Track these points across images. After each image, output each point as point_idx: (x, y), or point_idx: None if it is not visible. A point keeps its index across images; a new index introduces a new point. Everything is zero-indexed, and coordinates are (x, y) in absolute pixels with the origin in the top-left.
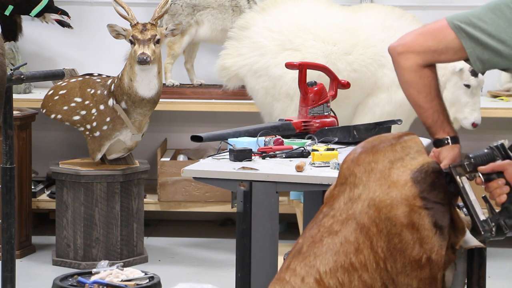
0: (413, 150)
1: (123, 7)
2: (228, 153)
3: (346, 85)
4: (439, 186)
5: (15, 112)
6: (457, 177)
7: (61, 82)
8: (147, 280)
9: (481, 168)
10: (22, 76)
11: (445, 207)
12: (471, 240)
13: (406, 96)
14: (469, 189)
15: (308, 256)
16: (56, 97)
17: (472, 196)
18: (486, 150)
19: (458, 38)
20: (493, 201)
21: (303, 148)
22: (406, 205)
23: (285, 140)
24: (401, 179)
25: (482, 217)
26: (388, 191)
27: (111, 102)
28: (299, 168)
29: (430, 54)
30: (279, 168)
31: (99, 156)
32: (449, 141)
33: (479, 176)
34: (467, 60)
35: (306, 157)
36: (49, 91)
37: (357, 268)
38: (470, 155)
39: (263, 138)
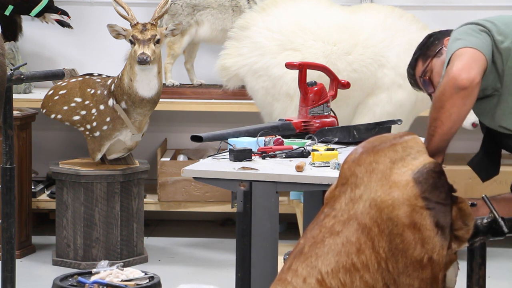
0: (414, 150)
1: (123, 7)
2: (228, 153)
3: (346, 85)
4: (441, 186)
5: (15, 112)
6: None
7: (61, 82)
8: (147, 280)
9: None
10: (22, 76)
11: (447, 207)
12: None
13: (449, 120)
14: None
15: (310, 257)
16: (56, 97)
17: None
18: None
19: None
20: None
21: (303, 148)
22: (408, 206)
23: (285, 140)
24: (402, 179)
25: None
26: (390, 191)
27: (111, 102)
28: (299, 168)
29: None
30: (279, 168)
31: (99, 156)
32: None
33: None
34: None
35: (306, 157)
36: (49, 91)
37: (359, 268)
38: None
39: (263, 138)
